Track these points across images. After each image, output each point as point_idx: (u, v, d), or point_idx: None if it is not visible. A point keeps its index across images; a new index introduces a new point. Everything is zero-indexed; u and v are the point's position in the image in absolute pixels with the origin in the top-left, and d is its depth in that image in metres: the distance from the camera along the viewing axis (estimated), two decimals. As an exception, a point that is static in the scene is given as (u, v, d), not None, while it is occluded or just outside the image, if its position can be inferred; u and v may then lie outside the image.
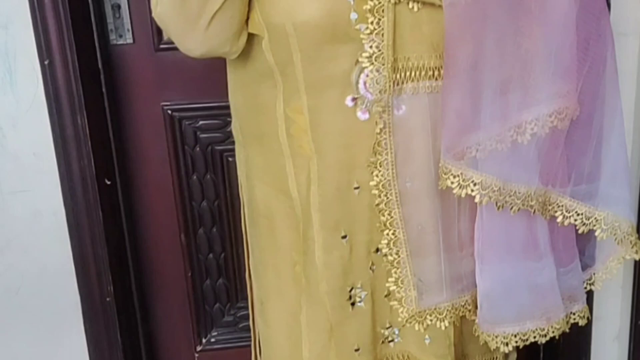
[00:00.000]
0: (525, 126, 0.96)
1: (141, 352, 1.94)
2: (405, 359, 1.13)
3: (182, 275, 1.91)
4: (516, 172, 0.98)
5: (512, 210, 0.98)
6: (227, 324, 1.98)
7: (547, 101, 0.96)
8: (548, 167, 1.00)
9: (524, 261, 1.05)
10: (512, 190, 0.98)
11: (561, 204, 1.03)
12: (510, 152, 0.96)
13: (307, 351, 1.09)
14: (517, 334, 1.08)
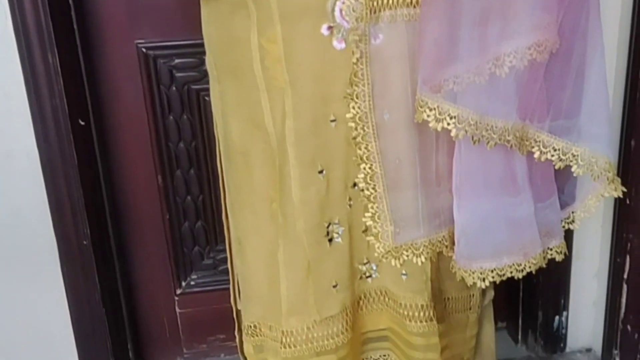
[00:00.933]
0: (504, 58, 0.93)
1: (120, 295, 1.93)
2: (383, 294, 1.13)
3: (160, 217, 1.89)
4: (493, 105, 0.96)
5: (488, 145, 0.96)
6: (207, 267, 1.97)
7: (527, 33, 0.93)
8: (526, 101, 0.98)
9: (501, 196, 1.04)
10: (489, 125, 0.96)
11: (538, 139, 1.01)
12: (488, 85, 0.94)
13: (285, 289, 1.08)
14: (494, 270, 1.08)
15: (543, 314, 2.04)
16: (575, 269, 2.00)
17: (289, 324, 1.10)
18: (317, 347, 1.11)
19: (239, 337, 1.32)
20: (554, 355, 2.09)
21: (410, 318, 1.10)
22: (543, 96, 1.00)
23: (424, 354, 1.13)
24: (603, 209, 1.94)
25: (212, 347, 2.08)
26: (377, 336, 1.18)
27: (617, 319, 1.94)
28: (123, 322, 1.96)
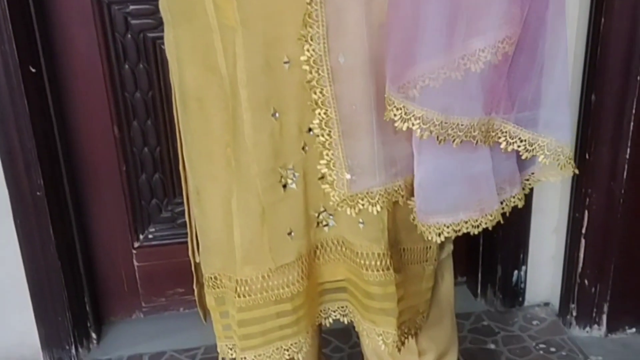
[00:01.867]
0: (479, 54, 0.92)
1: (76, 248, 1.90)
2: (340, 244, 1.11)
3: (117, 169, 1.86)
4: (460, 103, 0.95)
5: (454, 143, 0.96)
6: (165, 220, 1.95)
7: (499, 27, 0.93)
8: (491, 96, 0.97)
9: (460, 152, 1.02)
10: (455, 123, 0.95)
11: (505, 130, 1.01)
12: (462, 82, 0.93)
13: (239, 236, 1.06)
14: (450, 225, 1.06)
15: (502, 268, 2.06)
16: (535, 224, 2.01)
17: (244, 272, 1.08)
18: (272, 295, 1.09)
19: (197, 291, 1.30)
20: (512, 309, 2.12)
21: (367, 267, 1.09)
22: (507, 88, 0.99)
23: (380, 304, 1.12)
24: (563, 163, 1.95)
25: (171, 301, 2.07)
26: (335, 287, 1.16)
27: (574, 273, 1.96)
28: (80, 276, 1.93)
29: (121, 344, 2.04)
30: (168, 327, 2.08)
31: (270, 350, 1.13)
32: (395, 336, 1.14)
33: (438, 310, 1.27)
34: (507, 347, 1.97)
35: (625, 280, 1.93)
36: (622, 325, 1.99)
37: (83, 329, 1.97)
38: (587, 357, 1.92)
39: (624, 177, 1.80)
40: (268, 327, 1.12)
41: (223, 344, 1.19)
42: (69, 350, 1.94)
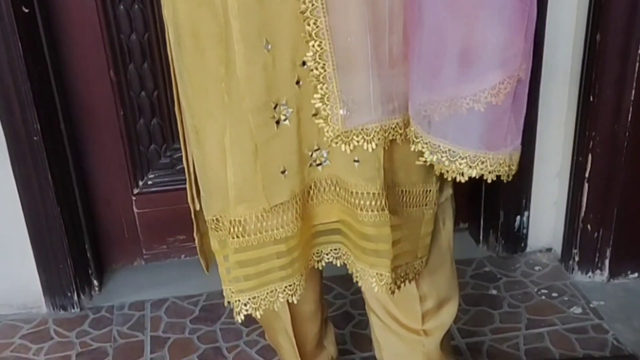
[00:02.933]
0: (479, 94, 0.94)
1: (75, 195, 1.89)
2: (334, 184, 1.09)
3: (114, 114, 1.84)
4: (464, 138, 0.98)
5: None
6: (164, 166, 1.94)
7: (498, 68, 0.94)
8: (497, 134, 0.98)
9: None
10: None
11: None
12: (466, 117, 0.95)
13: (232, 175, 1.05)
14: (448, 151, 1.03)
15: (504, 214, 2.05)
16: (538, 169, 1.99)
17: (237, 212, 1.06)
18: (266, 237, 1.08)
19: (197, 239, 1.29)
20: (514, 255, 2.11)
21: (361, 207, 1.07)
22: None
23: (375, 245, 1.11)
24: (567, 107, 1.92)
25: (172, 249, 2.07)
26: (328, 229, 1.15)
27: (577, 218, 1.94)
28: (80, 222, 1.93)
29: (123, 291, 2.05)
30: (169, 274, 2.08)
31: (265, 293, 1.13)
32: (389, 278, 1.13)
33: (439, 256, 1.26)
34: (509, 292, 1.97)
35: (628, 225, 1.91)
36: (625, 270, 1.98)
37: (84, 276, 1.98)
38: (589, 302, 1.91)
39: (628, 119, 1.77)
40: (262, 269, 1.11)
41: (228, 288, 1.18)
42: (70, 297, 1.94)
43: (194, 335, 1.87)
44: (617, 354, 1.73)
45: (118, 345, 1.85)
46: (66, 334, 1.90)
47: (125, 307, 1.99)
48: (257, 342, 1.83)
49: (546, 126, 1.93)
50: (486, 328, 1.84)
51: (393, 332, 1.32)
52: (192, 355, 1.81)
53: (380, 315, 1.31)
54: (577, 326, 1.83)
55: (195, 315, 1.94)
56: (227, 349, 1.82)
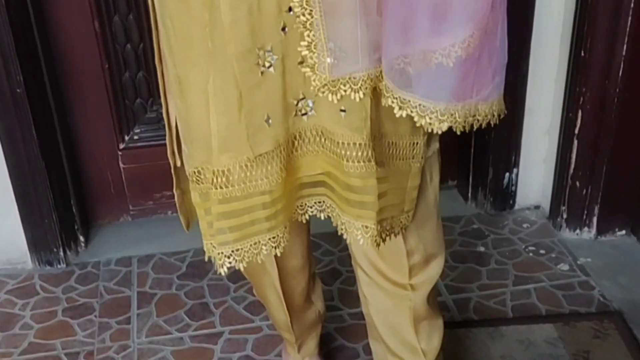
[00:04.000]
0: (449, 49, 0.92)
1: (60, 149, 1.87)
2: (319, 134, 1.07)
3: (99, 67, 1.81)
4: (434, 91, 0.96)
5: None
6: (150, 121, 1.91)
7: (467, 23, 0.92)
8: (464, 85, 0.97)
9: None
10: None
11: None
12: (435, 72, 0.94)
13: (216, 123, 1.02)
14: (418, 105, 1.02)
15: (493, 170, 2.04)
16: (527, 125, 1.99)
17: (221, 162, 1.05)
18: (250, 187, 1.06)
19: (178, 195, 1.27)
20: (502, 213, 2.11)
21: (347, 158, 1.05)
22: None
23: (360, 196, 1.09)
24: (558, 62, 1.91)
25: (159, 204, 2.06)
26: (313, 181, 1.13)
27: (566, 175, 1.94)
28: (65, 177, 1.91)
29: (109, 247, 2.04)
30: (156, 230, 2.07)
31: (248, 245, 1.12)
32: (374, 230, 1.12)
33: (426, 211, 1.25)
34: (497, 249, 1.97)
35: (616, 182, 1.91)
36: (612, 227, 1.99)
37: (70, 231, 1.97)
38: (576, 259, 1.92)
39: (619, 75, 1.76)
40: (246, 220, 1.09)
41: (209, 242, 1.16)
42: (56, 253, 1.93)
43: (181, 291, 1.87)
44: (603, 310, 1.74)
45: (104, 300, 1.85)
46: (52, 289, 1.90)
47: (112, 263, 1.98)
48: (245, 298, 1.83)
49: (537, 82, 1.92)
50: (473, 285, 1.85)
51: (380, 287, 1.31)
52: (179, 311, 1.81)
53: (367, 271, 1.31)
54: (564, 283, 1.84)
55: (182, 272, 1.94)
56: (215, 304, 1.82)
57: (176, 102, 1.13)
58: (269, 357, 1.66)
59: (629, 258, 1.92)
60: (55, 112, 1.82)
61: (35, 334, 1.76)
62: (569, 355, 1.61)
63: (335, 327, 1.73)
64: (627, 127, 1.83)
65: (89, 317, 1.80)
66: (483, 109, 0.99)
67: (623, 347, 1.63)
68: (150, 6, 1.14)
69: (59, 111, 1.84)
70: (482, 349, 1.64)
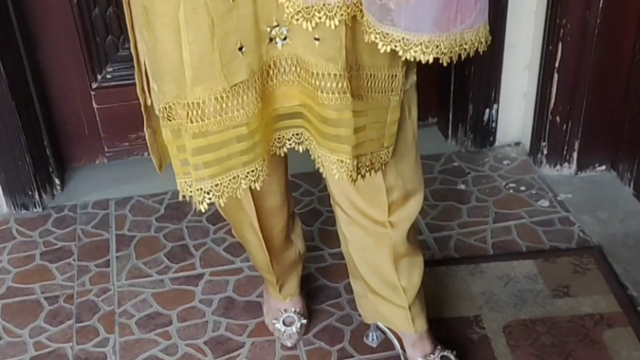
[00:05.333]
0: None
1: (30, 87, 1.82)
2: (294, 63, 1.05)
3: (67, 2, 1.76)
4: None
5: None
6: (123, 59, 1.87)
7: None
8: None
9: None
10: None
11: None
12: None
13: (188, 54, 0.99)
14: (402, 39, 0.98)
15: (474, 106, 2.02)
16: (507, 60, 1.96)
17: (195, 94, 1.02)
18: (226, 119, 1.04)
19: (149, 135, 1.25)
20: (483, 150, 2.10)
21: (322, 89, 1.03)
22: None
23: (336, 130, 1.07)
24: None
25: (135, 146, 2.03)
26: (290, 112, 1.11)
27: (546, 110, 1.93)
28: (37, 118, 1.87)
29: (86, 190, 2.01)
30: (133, 172, 2.05)
31: (227, 180, 1.09)
32: (349, 165, 1.10)
33: (404, 146, 1.24)
34: (477, 187, 1.97)
35: (596, 118, 1.90)
36: (592, 162, 1.98)
37: (45, 174, 1.93)
38: (556, 195, 1.92)
39: (599, 6, 1.72)
40: (223, 154, 1.07)
41: (182, 181, 1.14)
42: (32, 196, 1.91)
43: (160, 234, 1.85)
44: (583, 246, 1.75)
45: (83, 244, 1.83)
46: (29, 233, 1.88)
47: (89, 205, 1.96)
48: (225, 240, 1.82)
49: (516, 15, 1.88)
50: (454, 222, 1.84)
51: (359, 225, 1.30)
52: (158, 253, 1.79)
53: (346, 209, 1.30)
54: (544, 219, 1.85)
55: (160, 214, 1.92)
56: (194, 246, 1.81)
57: (143, 35, 1.09)
58: (250, 298, 1.66)
59: (609, 193, 1.93)
60: (23, 50, 1.77)
61: (14, 279, 1.74)
62: (549, 291, 1.62)
63: (316, 267, 1.73)
64: (607, 60, 1.81)
65: (67, 260, 1.79)
66: (469, 37, 0.96)
67: (602, 281, 1.64)
68: None
69: (27, 49, 1.79)
70: (463, 286, 1.64)
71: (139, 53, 1.15)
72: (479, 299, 1.61)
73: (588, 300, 1.59)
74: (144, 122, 1.22)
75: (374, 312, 1.43)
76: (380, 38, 0.95)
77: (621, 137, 1.91)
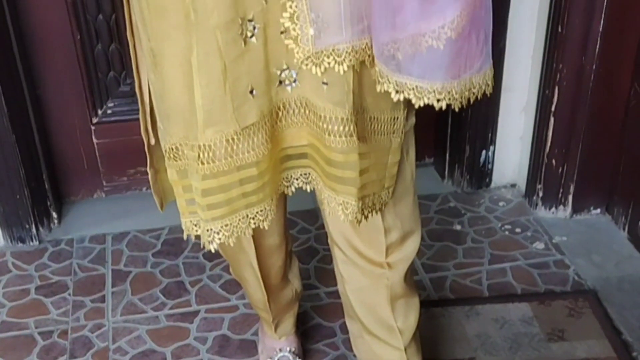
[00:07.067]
0: (439, 31, 0.92)
1: (30, 122, 1.83)
2: (303, 106, 1.06)
3: (70, 38, 1.77)
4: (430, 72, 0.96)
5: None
6: (124, 94, 1.88)
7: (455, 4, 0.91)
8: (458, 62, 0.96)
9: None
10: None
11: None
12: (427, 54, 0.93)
13: (200, 97, 1.00)
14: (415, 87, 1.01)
15: (470, 147, 2.04)
16: (504, 103, 1.98)
17: (206, 136, 1.02)
18: (237, 160, 1.05)
19: (151, 175, 1.25)
20: (479, 191, 2.11)
21: (330, 132, 1.04)
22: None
23: (342, 172, 1.08)
24: (535, 38, 1.90)
25: (133, 180, 2.03)
26: (298, 153, 1.12)
27: (542, 153, 1.94)
28: (36, 152, 1.88)
29: (83, 224, 2.01)
30: (131, 207, 2.05)
31: (237, 220, 1.10)
32: (354, 207, 1.11)
33: (403, 187, 1.25)
34: (473, 228, 1.97)
35: (592, 161, 1.92)
36: (587, 206, 1.99)
37: (43, 207, 1.93)
38: (551, 237, 1.93)
39: (595, 51, 1.75)
40: (233, 194, 1.08)
41: (187, 220, 1.15)
42: (29, 229, 1.90)
43: (156, 269, 1.85)
44: (577, 289, 1.75)
45: (78, 278, 1.83)
46: (25, 267, 1.87)
47: (86, 240, 1.96)
48: (221, 277, 1.82)
49: (514, 58, 1.91)
50: (449, 263, 1.85)
51: (356, 265, 1.30)
52: (154, 289, 1.79)
53: (344, 249, 1.30)
54: (540, 261, 1.85)
55: (157, 249, 1.92)
56: (190, 283, 1.81)
57: (150, 76, 1.10)
58: (246, 337, 1.65)
59: (604, 237, 1.94)
60: (25, 84, 1.78)
61: (8, 313, 1.73)
62: (544, 334, 1.62)
63: (312, 306, 1.73)
64: (602, 104, 1.84)
65: (62, 295, 1.78)
66: (477, 81, 0.99)
67: (597, 325, 1.64)
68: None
69: (29, 83, 1.80)
70: (458, 327, 1.64)
71: (143, 93, 1.16)
72: (474, 341, 1.61)
73: (583, 344, 1.60)
74: (147, 162, 1.22)
75: (369, 353, 1.42)
76: (394, 87, 0.96)
77: (616, 181, 1.93)
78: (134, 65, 1.16)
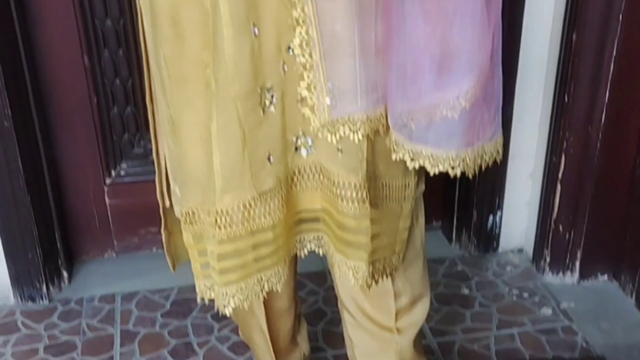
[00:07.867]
0: (454, 102, 0.96)
1: (45, 182, 1.86)
2: (318, 172, 1.09)
3: (87, 101, 1.81)
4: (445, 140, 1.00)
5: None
6: (137, 156, 1.91)
7: (470, 75, 0.95)
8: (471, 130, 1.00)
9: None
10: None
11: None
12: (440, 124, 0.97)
13: (219, 164, 1.03)
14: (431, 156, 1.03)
15: (478, 213, 2.05)
16: (511, 169, 2.00)
17: (224, 202, 1.05)
18: (253, 225, 1.07)
19: (165, 237, 1.27)
20: (486, 255, 2.12)
21: (343, 198, 1.06)
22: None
23: (354, 237, 1.10)
24: (541, 107, 1.93)
25: (144, 241, 2.05)
26: (311, 217, 1.14)
27: (549, 219, 1.96)
28: (50, 211, 1.89)
29: (93, 283, 2.02)
30: (141, 267, 2.06)
31: (251, 283, 1.11)
32: (365, 271, 1.13)
33: (413, 252, 1.26)
34: (481, 292, 1.97)
35: (599, 227, 1.93)
36: (595, 272, 2.00)
37: (54, 266, 1.94)
38: (559, 303, 1.92)
39: (601, 120, 1.78)
40: (249, 258, 1.10)
41: (202, 283, 1.16)
42: (39, 289, 1.91)
43: (164, 330, 1.85)
44: (586, 356, 1.74)
45: (87, 338, 1.82)
46: (34, 326, 1.87)
47: (95, 299, 1.96)
48: (229, 338, 1.81)
49: (521, 126, 1.94)
50: (457, 327, 1.84)
51: (365, 329, 1.31)
52: (162, 350, 1.78)
53: (353, 313, 1.31)
54: (547, 327, 1.84)
55: (166, 310, 1.92)
56: (199, 344, 1.80)
57: (168, 142, 1.13)
58: (252, 399, 1.65)
59: (611, 303, 1.93)
60: (42, 146, 1.82)
61: (16, 372, 1.73)
62: (553, 401, 1.61)
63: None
64: (609, 171, 1.86)
65: (70, 354, 1.77)
66: (489, 149, 1.02)
67: (606, 392, 1.64)
68: (142, 46, 1.14)
69: (45, 144, 1.83)
70: (467, 392, 1.63)
71: (160, 158, 1.19)
72: (483, 408, 1.60)
73: (592, 413, 1.59)
74: (162, 225, 1.24)
75: (376, 418, 1.42)
76: (410, 155, 0.99)
77: (623, 248, 1.94)
78: (152, 130, 1.19)
